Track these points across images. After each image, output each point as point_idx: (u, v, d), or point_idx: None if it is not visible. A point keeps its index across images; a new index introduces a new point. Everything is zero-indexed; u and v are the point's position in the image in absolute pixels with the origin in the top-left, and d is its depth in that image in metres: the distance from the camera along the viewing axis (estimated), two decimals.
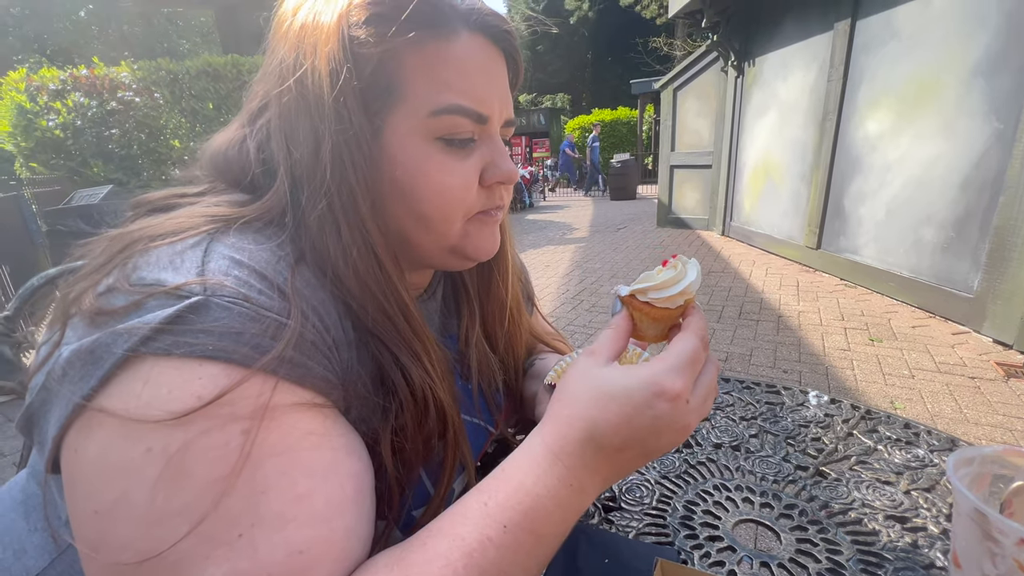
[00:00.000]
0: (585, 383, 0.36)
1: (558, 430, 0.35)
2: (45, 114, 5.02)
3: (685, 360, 0.35)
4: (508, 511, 0.33)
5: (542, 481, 0.34)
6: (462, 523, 0.32)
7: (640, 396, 0.33)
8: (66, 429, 0.29)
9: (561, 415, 0.36)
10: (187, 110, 5.46)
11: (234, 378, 0.29)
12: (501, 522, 0.32)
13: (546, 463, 0.34)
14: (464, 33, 0.39)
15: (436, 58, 0.38)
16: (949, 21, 2.87)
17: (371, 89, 0.37)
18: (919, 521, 0.53)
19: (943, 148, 2.93)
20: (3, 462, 2.07)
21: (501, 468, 0.35)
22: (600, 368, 0.36)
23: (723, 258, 4.93)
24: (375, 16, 0.36)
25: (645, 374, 0.34)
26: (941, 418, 2.04)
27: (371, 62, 0.36)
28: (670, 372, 0.34)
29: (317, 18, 0.36)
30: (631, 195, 10.53)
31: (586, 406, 0.35)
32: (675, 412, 0.34)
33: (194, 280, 0.30)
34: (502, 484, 0.34)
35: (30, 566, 0.40)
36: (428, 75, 0.38)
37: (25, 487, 0.43)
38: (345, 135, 0.36)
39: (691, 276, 0.39)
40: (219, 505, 0.27)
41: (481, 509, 0.33)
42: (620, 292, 0.41)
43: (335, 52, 0.35)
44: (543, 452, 0.35)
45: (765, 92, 4.96)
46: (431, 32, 0.37)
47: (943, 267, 2.97)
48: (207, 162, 0.42)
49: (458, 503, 0.34)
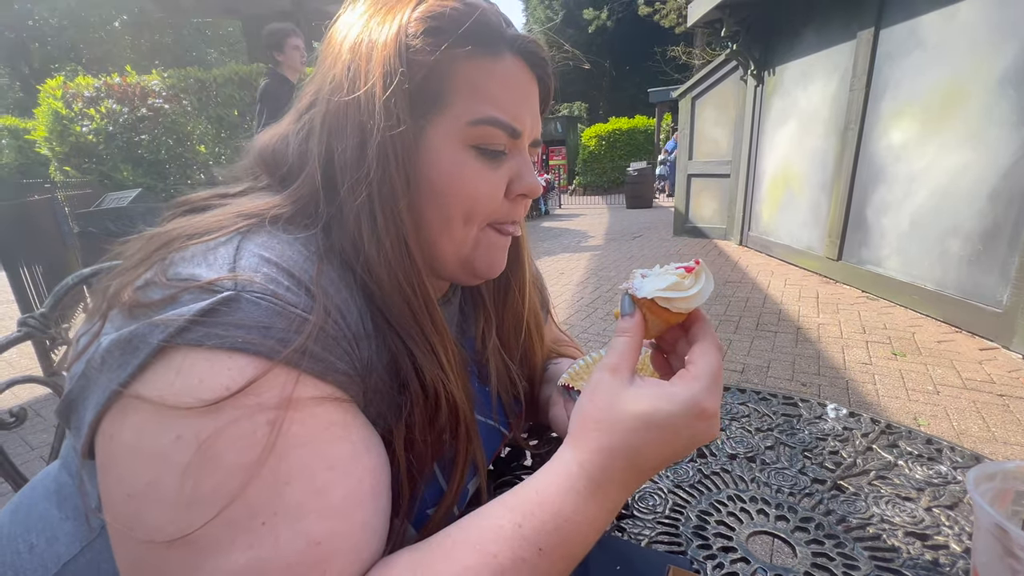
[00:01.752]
0: (623, 409, 0.35)
1: (601, 462, 0.35)
2: (79, 120, 5.22)
3: (716, 377, 0.36)
4: (545, 536, 0.33)
5: (582, 510, 0.34)
6: (494, 541, 0.32)
7: (683, 421, 0.34)
8: (103, 415, 0.31)
9: (602, 445, 0.35)
10: (213, 117, 5.63)
11: (260, 369, 0.30)
12: (537, 545, 0.33)
13: (587, 492, 0.34)
14: (508, 55, 0.43)
15: (481, 73, 0.41)
16: (977, 30, 2.81)
17: (419, 93, 0.40)
18: (940, 539, 0.51)
19: (970, 158, 2.86)
20: (32, 455, 2.14)
21: (536, 490, 0.35)
22: (630, 388, 0.36)
23: (740, 268, 4.87)
24: (433, 29, 0.39)
25: (686, 397, 0.35)
26: (967, 436, 1.97)
27: (423, 69, 0.39)
28: (707, 392, 0.35)
29: (375, 29, 0.39)
30: (647, 204, 10.47)
31: (628, 435, 0.35)
32: (710, 428, 0.35)
33: (226, 276, 0.31)
34: (538, 509, 0.34)
35: (61, 552, 0.41)
36: (472, 87, 0.41)
37: (57, 477, 0.45)
38: (392, 132, 0.38)
39: (711, 283, 0.39)
40: (244, 493, 0.28)
41: (515, 531, 0.33)
42: (636, 293, 0.39)
43: (391, 57, 0.38)
44: (585, 484, 0.34)
45: (785, 101, 4.90)
46: (481, 50, 0.41)
47: (970, 280, 2.89)
48: (255, 155, 0.45)
49: (485, 517, 0.34)
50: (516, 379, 0.57)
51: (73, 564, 0.41)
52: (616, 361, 0.38)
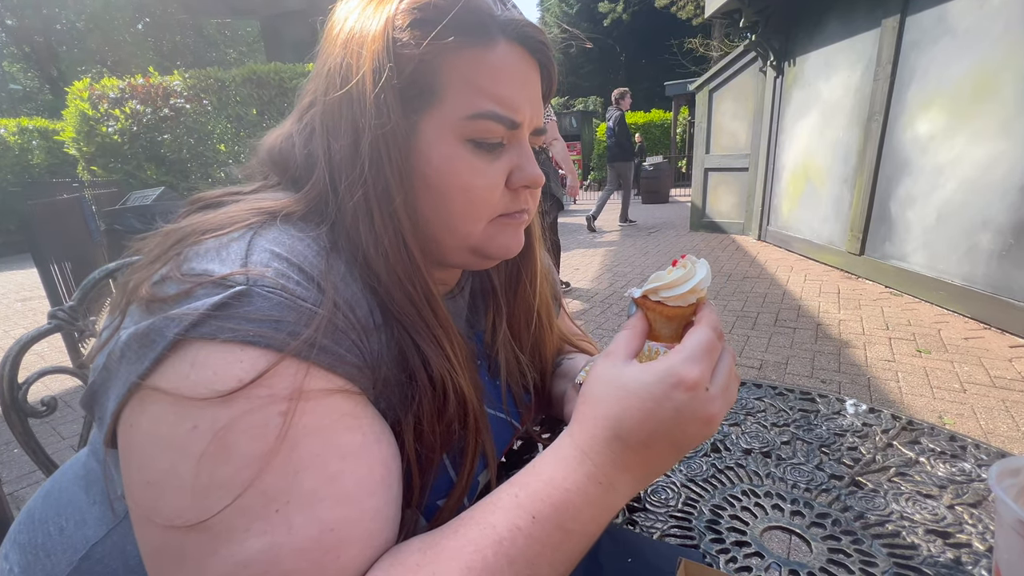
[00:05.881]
0: (606, 383, 0.37)
1: (584, 429, 0.36)
2: (105, 121, 5.37)
3: (700, 350, 0.35)
4: (538, 503, 0.34)
5: (571, 477, 0.35)
6: (492, 512, 0.34)
7: (659, 389, 0.34)
8: (123, 405, 0.32)
9: (587, 416, 0.37)
10: (232, 116, 5.73)
11: (271, 362, 0.31)
12: (530, 512, 0.33)
13: (575, 460, 0.35)
14: (502, 42, 0.41)
15: (473, 64, 0.39)
16: (1009, 15, 2.71)
17: (410, 88, 0.39)
18: (963, 537, 0.50)
19: (1002, 149, 2.76)
20: (63, 444, 2.22)
21: (532, 464, 0.37)
22: (618, 367, 0.37)
23: (759, 263, 4.78)
24: (418, 21, 0.38)
25: (661, 367, 0.35)
26: (995, 435, 1.91)
27: (411, 63, 0.38)
28: (686, 362, 0.35)
29: (365, 23, 0.39)
30: (664, 199, 10.35)
31: (609, 404, 0.36)
32: (695, 401, 0.34)
33: (238, 271, 0.32)
34: (532, 478, 0.35)
35: (89, 535, 0.43)
36: (465, 80, 0.39)
37: (86, 463, 0.46)
38: (383, 129, 0.38)
39: (701, 274, 0.39)
40: (258, 481, 0.29)
41: (512, 500, 0.34)
42: (634, 294, 0.42)
43: (380, 52, 0.38)
44: (572, 450, 0.36)
45: (806, 92, 4.79)
46: (470, 39, 0.39)
47: (1000, 275, 2.79)
48: (263, 155, 0.46)
49: (491, 494, 0.36)
50: (526, 370, 0.56)
51: (100, 546, 0.42)
52: (611, 348, 0.39)
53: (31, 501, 0.49)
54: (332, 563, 0.30)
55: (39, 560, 0.44)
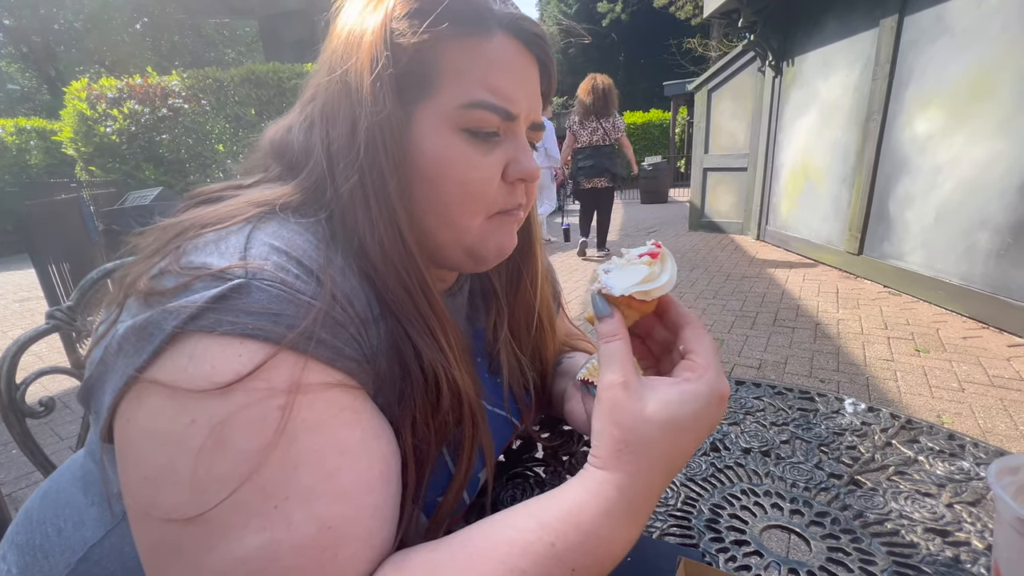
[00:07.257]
0: (652, 423, 0.34)
1: (642, 481, 0.34)
2: (103, 121, 5.36)
3: (716, 357, 0.37)
4: (580, 556, 0.33)
5: (619, 533, 0.34)
6: (522, 556, 0.32)
7: (706, 412, 0.35)
8: (120, 399, 0.31)
9: (641, 468, 0.34)
10: (231, 116, 5.72)
11: (269, 355, 0.30)
12: (570, 565, 0.32)
13: (626, 516, 0.34)
14: (499, 34, 0.41)
15: (469, 54, 0.40)
16: (1007, 15, 2.71)
17: (405, 78, 0.39)
18: (962, 535, 0.50)
19: (1000, 149, 2.77)
20: (61, 445, 2.22)
21: (570, 510, 0.34)
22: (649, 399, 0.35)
23: (758, 263, 4.79)
24: (414, 11, 0.39)
25: (706, 391, 0.35)
26: (994, 435, 1.92)
27: (407, 52, 0.39)
28: (719, 377, 0.36)
29: (367, 17, 0.39)
30: (662, 198, 10.35)
31: (662, 447, 0.34)
32: (724, 407, 0.36)
33: (237, 264, 0.32)
34: (573, 530, 0.33)
35: (87, 537, 0.43)
36: (460, 70, 0.40)
37: (84, 464, 0.46)
38: (379, 117, 0.38)
39: (672, 263, 0.39)
40: (256, 476, 0.29)
41: (548, 549, 0.32)
42: (612, 292, 0.38)
43: (377, 42, 0.38)
44: (624, 507, 0.34)
45: (804, 92, 4.79)
46: (466, 29, 0.39)
47: (998, 275, 2.80)
48: (265, 145, 0.46)
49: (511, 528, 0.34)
50: (526, 370, 0.56)
51: (98, 547, 0.42)
52: (622, 374, 0.36)
53: (29, 502, 0.49)
54: (330, 560, 0.30)
55: (37, 561, 0.43)
